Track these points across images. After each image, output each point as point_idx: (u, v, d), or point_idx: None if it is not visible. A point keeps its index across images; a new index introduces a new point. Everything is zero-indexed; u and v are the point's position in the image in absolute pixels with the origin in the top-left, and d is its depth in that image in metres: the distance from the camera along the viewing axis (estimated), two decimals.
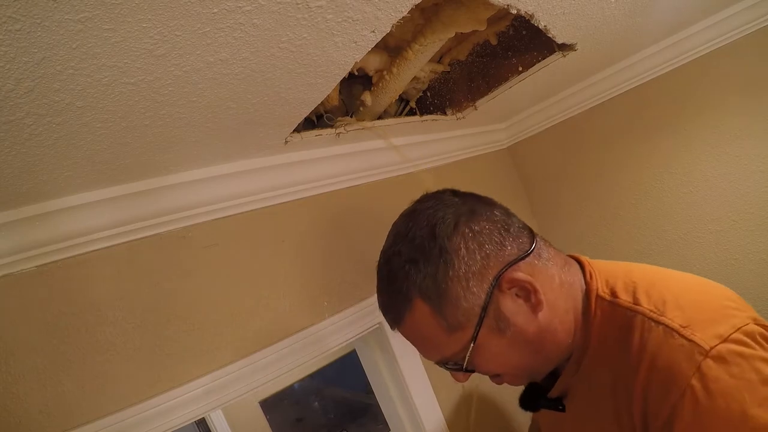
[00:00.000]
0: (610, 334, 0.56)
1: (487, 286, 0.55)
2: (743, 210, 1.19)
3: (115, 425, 0.65)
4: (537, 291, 0.55)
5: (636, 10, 0.85)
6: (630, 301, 0.55)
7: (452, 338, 0.56)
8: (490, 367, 0.60)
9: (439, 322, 0.56)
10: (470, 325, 0.55)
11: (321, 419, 3.59)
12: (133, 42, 0.40)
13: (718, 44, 1.16)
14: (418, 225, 0.58)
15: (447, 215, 0.57)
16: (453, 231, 0.56)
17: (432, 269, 0.55)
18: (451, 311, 0.55)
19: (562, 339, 0.58)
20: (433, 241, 0.56)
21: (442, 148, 1.25)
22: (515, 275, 0.55)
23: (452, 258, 0.55)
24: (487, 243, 0.56)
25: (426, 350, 0.61)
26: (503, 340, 0.56)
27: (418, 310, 0.57)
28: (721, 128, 1.20)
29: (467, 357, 0.56)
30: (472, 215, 0.58)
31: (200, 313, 0.77)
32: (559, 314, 0.58)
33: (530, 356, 0.58)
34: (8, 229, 0.61)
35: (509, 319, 0.56)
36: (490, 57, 0.95)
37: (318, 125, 0.87)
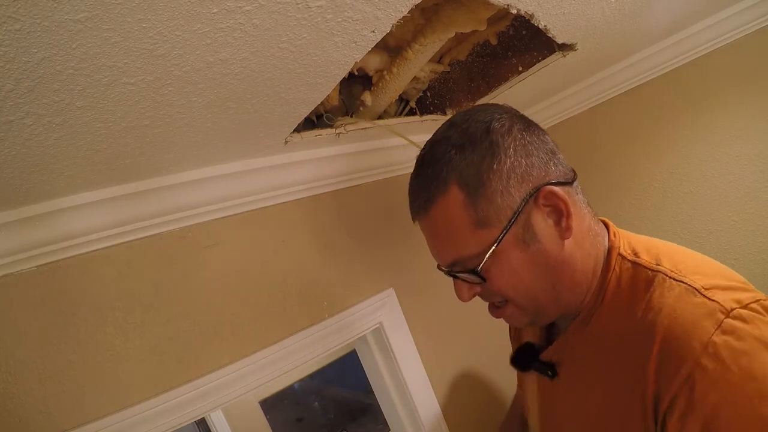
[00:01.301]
0: (627, 292, 0.54)
1: (524, 192, 0.53)
2: (743, 210, 1.19)
3: (115, 425, 0.65)
4: (570, 216, 0.54)
5: (636, 10, 0.85)
6: (652, 262, 0.55)
7: (476, 235, 0.54)
8: (502, 282, 0.56)
9: (468, 214, 0.54)
10: (498, 226, 0.53)
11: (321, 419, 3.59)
12: (133, 42, 0.40)
13: (718, 44, 1.16)
14: (473, 118, 0.57)
15: (504, 118, 0.56)
16: (507, 131, 0.55)
17: (477, 158, 0.54)
18: (484, 204, 0.53)
19: (579, 280, 0.57)
20: (485, 134, 0.55)
21: None
22: (555, 191, 0.54)
23: (500, 153, 0.54)
24: (535, 155, 0.55)
25: (443, 247, 0.58)
26: (524, 255, 0.54)
27: (451, 197, 0.55)
28: (721, 128, 1.20)
29: (485, 260, 0.54)
30: (528, 126, 0.58)
31: (200, 313, 0.77)
32: (582, 254, 0.56)
33: (545, 285, 0.56)
34: (8, 229, 0.61)
35: (537, 234, 0.54)
36: (490, 57, 0.95)
37: (318, 125, 0.87)
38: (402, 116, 1.03)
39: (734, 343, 0.44)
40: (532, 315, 0.60)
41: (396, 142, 1.08)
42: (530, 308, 0.58)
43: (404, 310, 1.05)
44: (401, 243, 1.10)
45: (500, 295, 0.58)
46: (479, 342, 1.23)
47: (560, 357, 0.62)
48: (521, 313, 0.59)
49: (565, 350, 0.61)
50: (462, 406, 1.13)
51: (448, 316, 1.17)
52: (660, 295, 0.51)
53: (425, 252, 1.15)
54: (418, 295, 1.11)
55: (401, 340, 1.03)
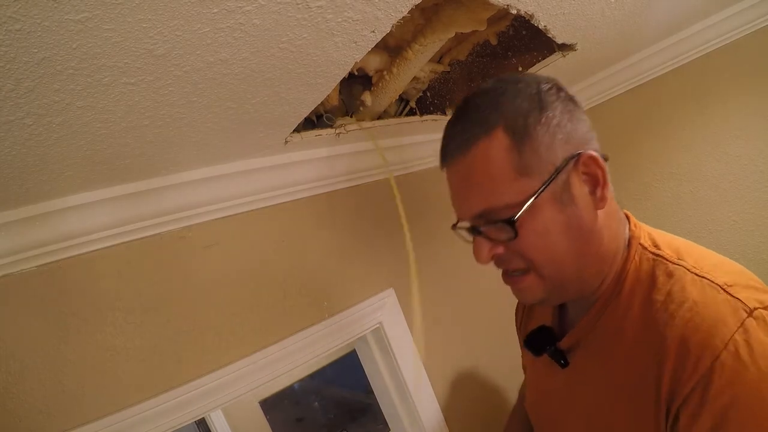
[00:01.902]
0: (646, 283, 0.53)
1: (567, 153, 0.52)
2: (743, 210, 1.19)
3: (115, 425, 0.65)
4: (606, 186, 0.53)
5: (636, 10, 0.85)
6: (673, 256, 0.54)
7: (516, 183, 0.51)
8: (532, 241, 0.52)
9: (512, 158, 0.51)
10: (539, 178, 0.51)
11: (321, 419, 3.59)
12: (133, 42, 0.40)
13: (718, 44, 1.16)
14: (523, 78, 0.56)
15: (552, 83, 0.56)
16: (555, 93, 0.54)
17: (525, 109, 0.52)
18: (529, 153, 0.51)
19: (604, 256, 0.55)
20: (536, 91, 0.53)
21: None
22: (596, 157, 0.52)
23: (548, 109, 0.52)
24: (578, 123, 0.55)
25: (475, 193, 0.54)
26: (560, 216, 0.52)
27: (495, 139, 0.52)
28: (721, 128, 1.20)
29: (522, 211, 0.50)
30: (573, 98, 0.57)
31: (200, 313, 0.77)
32: (609, 232, 0.55)
33: (573, 254, 0.53)
34: (8, 229, 0.61)
35: (574, 197, 0.52)
36: (490, 57, 0.95)
37: (318, 125, 0.87)
38: (402, 116, 1.03)
39: (754, 344, 0.44)
40: (550, 289, 0.56)
41: (396, 142, 1.08)
42: (551, 279, 0.55)
43: (404, 310, 1.05)
44: (401, 243, 1.10)
45: (525, 259, 0.54)
46: (479, 342, 1.23)
47: (574, 345, 0.60)
48: (540, 284, 0.55)
49: (580, 338, 0.59)
50: (462, 406, 1.13)
51: (449, 316, 1.17)
52: (681, 289, 0.50)
53: (425, 252, 1.15)
54: (418, 295, 1.11)
55: (401, 340, 1.03)
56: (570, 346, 0.61)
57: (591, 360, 0.58)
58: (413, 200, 1.17)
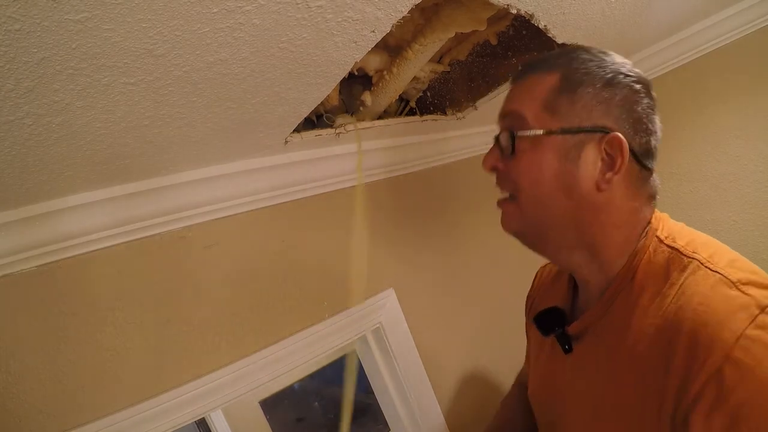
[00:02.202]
0: (659, 274, 0.54)
1: (599, 124, 0.55)
2: (743, 210, 1.19)
3: (115, 425, 0.65)
4: (617, 174, 0.55)
5: (636, 10, 0.85)
6: (688, 249, 0.54)
7: (541, 112, 0.57)
8: (524, 168, 0.58)
9: (550, 94, 0.57)
10: (559, 123, 0.56)
11: (321, 419, 3.59)
12: (133, 42, 0.40)
13: (718, 44, 1.16)
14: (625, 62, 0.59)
15: (641, 78, 0.58)
16: (633, 82, 0.57)
17: (592, 72, 0.56)
18: (566, 101, 0.56)
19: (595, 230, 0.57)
20: (615, 68, 0.57)
21: (442, 148, 1.25)
22: (623, 144, 0.54)
23: (613, 86, 0.56)
24: (637, 116, 0.56)
25: (513, 96, 0.61)
26: (557, 165, 0.56)
27: (549, 77, 0.58)
28: (721, 128, 1.20)
29: (529, 133, 0.57)
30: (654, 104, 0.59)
31: (200, 313, 0.77)
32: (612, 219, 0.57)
33: (556, 206, 0.57)
34: (8, 229, 0.61)
35: (580, 161, 0.55)
36: (490, 57, 0.95)
37: (318, 125, 0.87)
38: (402, 116, 1.03)
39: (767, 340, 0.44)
40: (526, 223, 0.61)
41: (396, 142, 1.08)
42: (530, 213, 0.59)
43: (404, 310, 1.05)
44: (401, 243, 1.10)
45: (514, 183, 0.60)
46: (479, 342, 1.23)
47: (582, 332, 0.61)
48: (518, 214, 0.60)
49: (588, 325, 0.60)
50: (462, 406, 1.13)
51: (449, 316, 1.17)
52: (693, 282, 0.50)
53: (426, 252, 1.15)
54: (418, 295, 1.11)
55: (401, 340, 1.03)
56: (578, 332, 0.61)
57: (597, 348, 0.58)
58: (414, 200, 1.17)
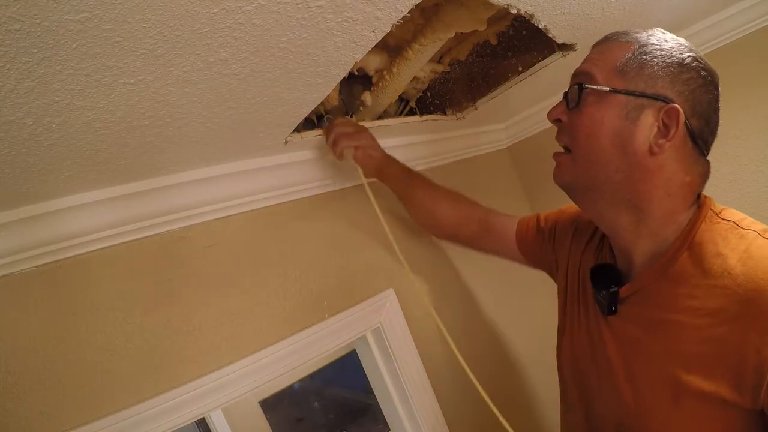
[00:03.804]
0: (719, 241, 0.57)
1: (660, 92, 0.57)
2: (743, 210, 1.19)
3: (115, 425, 0.65)
4: (669, 140, 0.57)
5: (636, 10, 0.85)
6: (744, 222, 0.59)
7: (611, 73, 0.60)
8: (585, 122, 0.61)
9: (622, 60, 0.60)
10: (625, 86, 0.59)
11: (321, 419, 3.59)
12: (133, 42, 0.40)
13: (718, 44, 1.16)
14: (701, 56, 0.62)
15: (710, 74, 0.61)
16: (701, 71, 0.59)
17: (669, 49, 0.59)
18: (636, 68, 0.59)
19: (646, 203, 0.60)
20: (689, 54, 0.59)
21: (442, 148, 1.25)
22: (681, 115, 0.56)
23: (682, 67, 0.58)
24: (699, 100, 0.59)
25: (590, 60, 0.64)
26: (616, 123, 0.59)
27: (624, 45, 0.61)
28: (721, 128, 1.19)
29: (596, 88, 0.60)
30: (717, 96, 0.62)
31: (200, 313, 0.77)
32: (662, 187, 0.59)
33: (610, 162, 0.60)
34: (8, 229, 0.61)
35: (637, 123, 0.58)
36: (490, 57, 0.95)
37: (318, 125, 0.87)
38: (402, 116, 1.03)
39: None
40: (578, 176, 0.63)
41: (396, 142, 1.08)
42: (583, 167, 0.62)
43: (404, 310, 1.05)
44: (402, 243, 1.10)
45: (573, 135, 0.63)
46: (479, 341, 1.23)
47: (635, 294, 0.62)
48: (572, 167, 0.64)
49: (638, 289, 0.61)
50: (462, 406, 1.13)
51: (449, 316, 1.17)
52: (759, 247, 0.54)
53: (426, 252, 1.15)
54: (418, 295, 1.11)
55: (401, 340, 1.03)
56: (628, 294, 0.62)
57: (649, 312, 0.60)
58: None
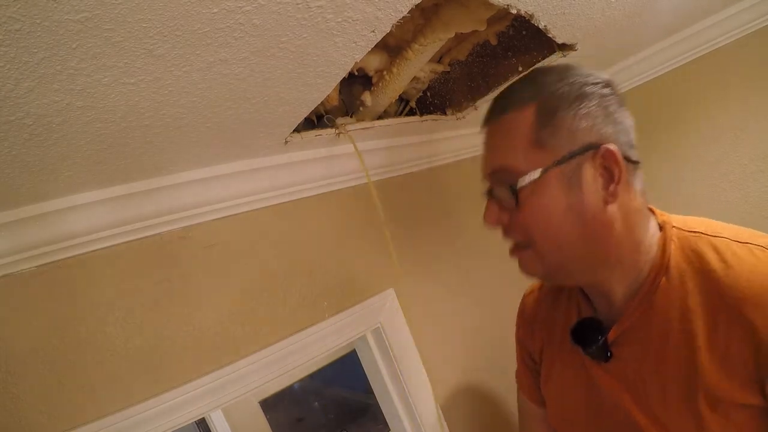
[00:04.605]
0: (693, 258, 0.55)
1: (588, 142, 0.54)
2: (743, 210, 1.19)
3: (115, 425, 0.65)
4: (619, 183, 0.54)
5: (636, 10, 0.85)
6: (710, 230, 0.57)
7: (530, 153, 0.55)
8: (532, 216, 0.56)
9: (531, 131, 0.55)
10: (552, 156, 0.54)
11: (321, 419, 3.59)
12: (133, 42, 0.40)
13: (718, 44, 1.16)
14: (580, 71, 0.59)
15: (604, 82, 0.58)
16: (601, 88, 0.57)
17: (563, 92, 0.55)
18: (549, 131, 0.55)
19: (616, 252, 0.57)
20: (581, 81, 0.56)
21: (442, 148, 1.25)
22: (615, 153, 0.54)
23: (585, 100, 0.55)
24: (614, 121, 0.57)
25: (495, 150, 0.60)
26: (563, 200, 0.54)
27: (524, 113, 0.56)
28: (722, 128, 1.20)
29: (526, 179, 0.55)
30: (621, 101, 0.59)
31: (200, 313, 0.77)
32: (625, 226, 0.56)
33: (574, 239, 0.55)
34: (8, 229, 0.61)
35: (582, 184, 0.54)
36: (490, 57, 0.95)
37: (318, 125, 0.87)
38: (402, 116, 1.03)
39: None
40: (549, 267, 0.58)
41: (397, 142, 1.08)
42: (550, 258, 0.57)
43: (404, 310, 1.05)
44: (402, 243, 1.10)
45: (525, 232, 0.57)
46: (479, 342, 1.23)
47: (624, 335, 0.61)
48: (539, 261, 0.58)
49: (627, 327, 0.60)
50: (462, 406, 1.13)
51: (448, 316, 1.17)
52: (734, 255, 0.53)
53: (426, 252, 1.15)
54: (418, 296, 1.11)
55: (401, 340, 1.03)
56: (620, 334, 0.61)
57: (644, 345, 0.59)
58: (414, 200, 1.17)
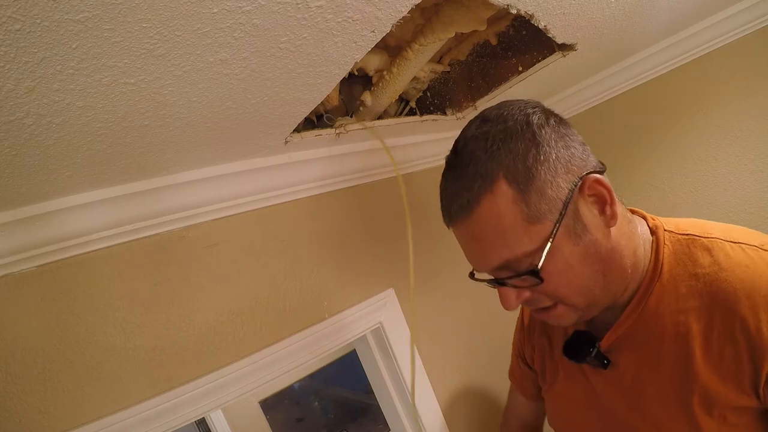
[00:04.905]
0: (686, 261, 0.55)
1: (570, 183, 0.52)
2: (743, 210, 1.19)
3: (115, 425, 0.65)
4: (614, 202, 0.53)
5: (636, 10, 0.85)
6: (703, 232, 0.56)
7: (530, 232, 0.51)
8: (558, 280, 0.53)
9: (520, 210, 0.51)
10: (551, 219, 0.51)
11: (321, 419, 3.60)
12: (133, 42, 0.40)
13: (718, 44, 1.16)
14: (509, 113, 0.55)
15: (538, 111, 0.55)
16: (545, 123, 0.54)
17: (522, 150, 0.51)
18: (535, 198, 0.50)
19: (626, 265, 0.56)
20: (526, 126, 0.53)
21: (442, 148, 1.25)
22: (599, 179, 0.53)
23: (543, 144, 0.52)
24: (573, 146, 0.54)
25: (491, 248, 0.53)
26: (578, 248, 0.52)
27: (500, 194, 0.51)
28: (721, 128, 1.20)
29: (543, 256, 0.50)
30: (560, 119, 0.57)
31: (200, 313, 0.77)
32: (625, 239, 0.56)
33: (597, 276, 0.54)
34: (8, 229, 0.61)
35: (586, 225, 0.52)
36: (490, 57, 0.95)
37: (318, 125, 0.87)
38: (402, 116, 1.03)
39: None
40: (581, 311, 0.57)
41: (397, 142, 1.08)
42: (582, 304, 0.56)
43: (404, 310, 1.05)
44: (401, 243, 1.10)
45: (554, 297, 0.55)
46: (479, 341, 1.23)
47: (618, 341, 0.60)
48: (571, 311, 0.56)
49: (622, 333, 0.60)
50: (462, 406, 1.13)
51: (448, 316, 1.17)
52: (726, 256, 0.53)
53: (425, 252, 1.15)
54: (419, 296, 1.11)
55: (401, 340, 1.03)
56: (611, 343, 0.61)
57: (640, 350, 0.58)
58: (414, 200, 1.17)
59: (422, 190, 1.20)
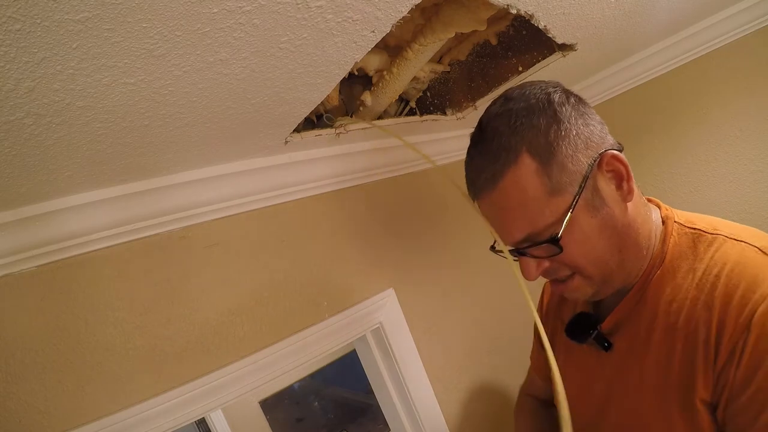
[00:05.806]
0: (688, 254, 0.57)
1: (590, 158, 0.54)
2: (743, 210, 1.19)
3: (115, 425, 0.65)
4: (630, 178, 0.56)
5: (636, 10, 0.85)
6: (710, 228, 0.57)
7: (551, 204, 0.53)
8: (576, 251, 0.55)
9: (542, 182, 0.53)
10: (570, 192, 0.53)
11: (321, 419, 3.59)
12: (133, 42, 0.40)
13: (718, 44, 1.16)
14: (531, 92, 0.57)
15: (558, 90, 0.58)
16: (565, 101, 0.56)
17: (544, 126, 0.54)
18: (557, 171, 0.53)
19: (642, 244, 0.58)
20: (548, 104, 0.55)
21: (442, 148, 1.25)
22: (617, 155, 0.55)
23: (564, 121, 0.54)
24: (592, 124, 0.57)
25: (516, 220, 0.56)
26: (595, 221, 0.54)
27: (523, 167, 0.54)
28: (721, 128, 1.20)
29: (563, 226, 0.53)
30: (580, 98, 0.59)
31: (200, 313, 0.77)
32: (641, 218, 0.58)
33: (613, 250, 0.56)
34: (8, 229, 0.61)
35: (604, 198, 0.55)
36: (490, 57, 0.95)
37: (318, 125, 0.87)
38: (402, 116, 1.03)
39: None
40: (597, 285, 0.59)
41: (396, 142, 1.08)
42: (597, 277, 0.58)
43: (404, 310, 1.05)
44: (401, 243, 1.10)
45: (571, 266, 0.58)
46: (479, 341, 1.23)
47: (619, 324, 0.62)
48: (587, 284, 0.59)
49: (623, 316, 0.61)
50: (462, 406, 1.13)
51: (448, 316, 1.17)
52: (723, 253, 0.54)
53: (425, 252, 1.15)
54: (419, 295, 1.11)
55: (401, 340, 1.03)
56: (612, 326, 0.62)
57: (637, 337, 0.60)
58: (415, 200, 1.17)
59: (422, 190, 1.20)
